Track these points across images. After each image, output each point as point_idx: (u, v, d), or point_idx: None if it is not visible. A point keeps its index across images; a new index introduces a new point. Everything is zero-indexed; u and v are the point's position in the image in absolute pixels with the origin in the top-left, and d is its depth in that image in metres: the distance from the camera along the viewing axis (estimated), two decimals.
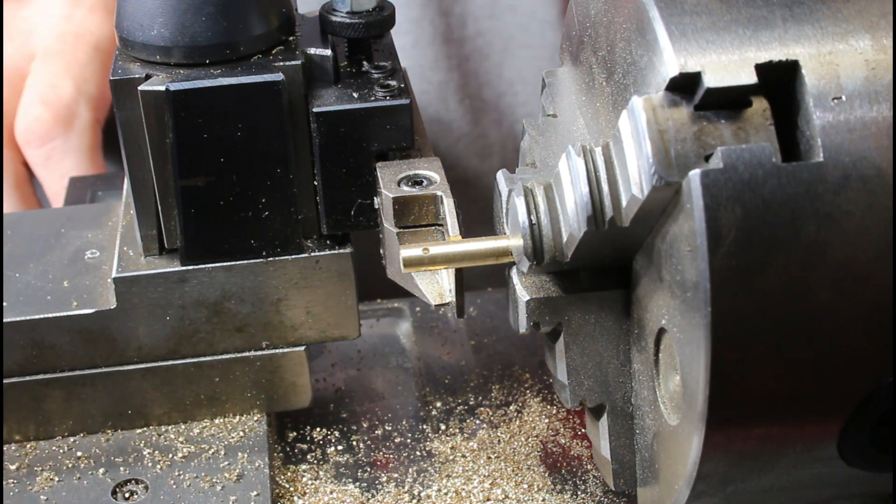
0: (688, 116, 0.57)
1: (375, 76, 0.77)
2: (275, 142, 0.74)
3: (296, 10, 0.80)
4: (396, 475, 0.82)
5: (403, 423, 0.87)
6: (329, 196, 0.77)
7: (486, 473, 0.81)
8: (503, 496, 0.79)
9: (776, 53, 0.59)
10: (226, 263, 0.78)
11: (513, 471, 0.81)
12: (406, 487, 0.80)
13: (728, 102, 0.58)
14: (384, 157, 0.76)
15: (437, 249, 0.68)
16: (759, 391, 0.59)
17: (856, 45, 0.59)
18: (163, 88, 0.72)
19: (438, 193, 0.71)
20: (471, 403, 0.88)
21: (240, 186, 0.75)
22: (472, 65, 1.22)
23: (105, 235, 0.86)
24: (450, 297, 0.70)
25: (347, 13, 0.76)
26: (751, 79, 0.58)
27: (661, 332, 0.63)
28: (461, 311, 0.70)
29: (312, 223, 0.79)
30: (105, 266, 0.82)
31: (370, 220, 0.78)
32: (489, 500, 0.78)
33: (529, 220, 0.65)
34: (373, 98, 0.75)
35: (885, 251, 0.57)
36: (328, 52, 0.76)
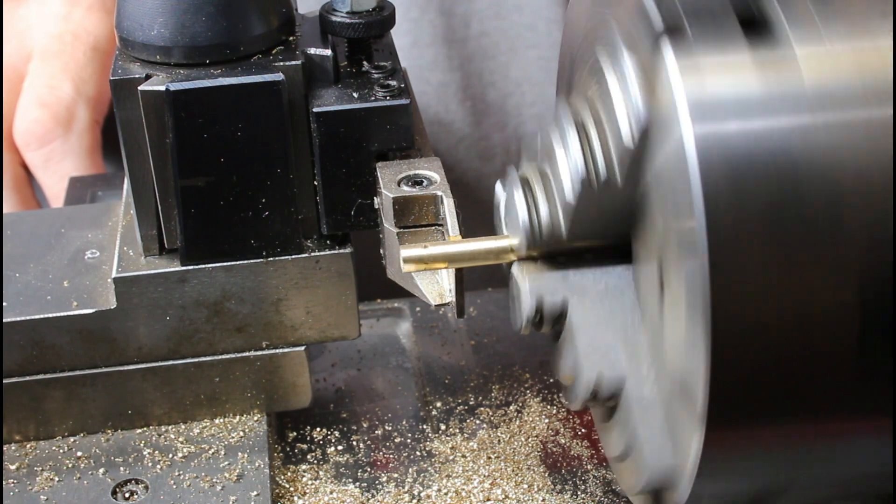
0: None
1: (375, 76, 0.77)
2: (275, 142, 0.74)
3: (296, 10, 0.80)
4: (396, 475, 0.82)
5: (403, 423, 0.87)
6: (329, 196, 0.77)
7: (486, 473, 0.81)
8: (503, 496, 0.79)
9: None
10: (226, 263, 0.78)
11: (513, 471, 0.81)
12: (406, 487, 0.80)
13: None
14: (384, 157, 0.76)
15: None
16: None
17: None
18: (163, 88, 0.72)
19: (438, 193, 0.71)
20: (471, 403, 0.88)
21: (240, 186, 0.75)
22: (476, 65, 1.21)
23: (105, 235, 0.86)
24: (450, 297, 0.70)
25: (347, 13, 0.76)
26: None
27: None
28: (461, 311, 0.70)
29: (312, 223, 0.79)
30: (105, 266, 0.82)
31: (370, 220, 0.78)
32: (489, 500, 0.78)
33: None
34: (373, 98, 0.75)
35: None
36: (328, 52, 0.76)
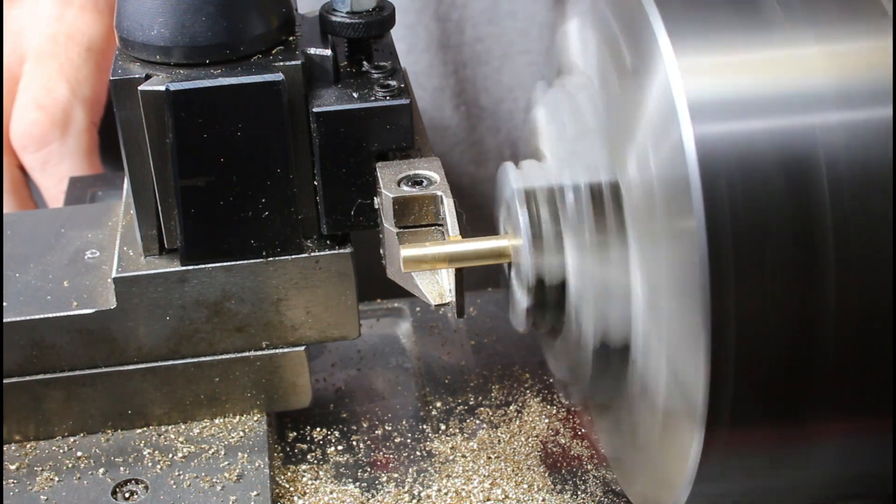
0: None
1: (375, 76, 0.77)
2: (275, 142, 0.74)
3: (296, 10, 0.80)
4: (396, 475, 0.82)
5: (403, 423, 0.87)
6: (329, 196, 0.77)
7: (486, 473, 0.81)
8: (503, 496, 0.79)
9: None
10: (226, 263, 0.78)
11: (513, 471, 0.81)
12: (406, 487, 0.80)
13: None
14: (384, 157, 0.76)
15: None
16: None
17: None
18: (163, 88, 0.72)
19: (438, 193, 0.71)
20: (471, 403, 0.88)
21: (240, 186, 0.75)
22: (470, 70, 1.21)
23: (105, 235, 0.86)
24: (450, 297, 0.70)
25: (347, 13, 0.76)
26: None
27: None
28: (461, 311, 0.70)
29: (312, 223, 0.79)
30: (105, 266, 0.82)
31: (370, 220, 0.78)
32: (489, 500, 0.78)
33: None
34: (373, 98, 0.75)
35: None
36: (328, 52, 0.76)
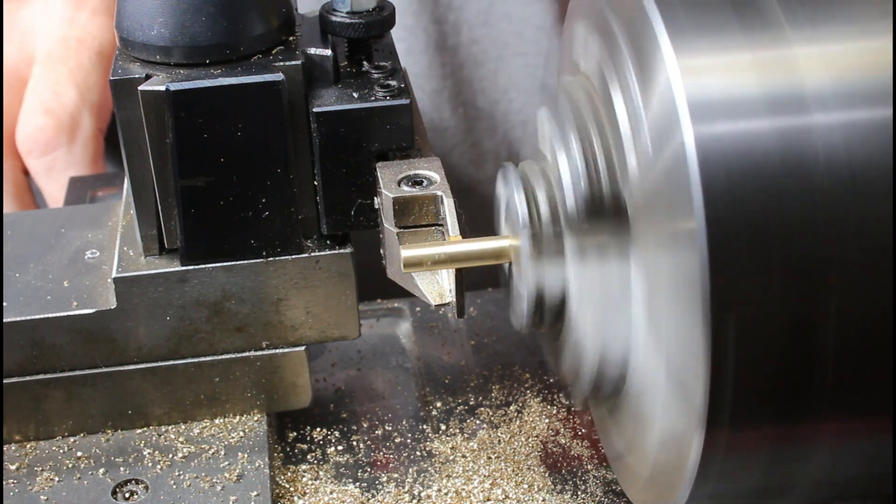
0: None
1: (375, 76, 0.77)
2: (275, 142, 0.74)
3: (296, 10, 0.80)
4: (396, 475, 0.82)
5: (403, 423, 0.87)
6: (329, 196, 0.77)
7: (486, 473, 0.81)
8: (503, 496, 0.79)
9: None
10: (226, 263, 0.78)
11: (513, 471, 0.81)
12: (406, 487, 0.80)
13: None
14: (384, 157, 0.76)
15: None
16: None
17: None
18: (163, 88, 0.72)
19: (438, 193, 0.71)
20: (471, 403, 0.88)
21: (240, 186, 0.75)
22: (466, 72, 1.21)
23: (105, 235, 0.86)
24: (450, 297, 0.70)
25: (347, 13, 0.76)
26: None
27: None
28: (461, 311, 0.70)
29: (312, 223, 0.79)
30: (105, 266, 0.82)
31: (370, 220, 0.78)
32: (489, 500, 0.78)
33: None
34: (373, 98, 0.75)
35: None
36: (328, 52, 0.76)
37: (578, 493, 0.79)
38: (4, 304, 0.79)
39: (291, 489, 0.80)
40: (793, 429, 0.61)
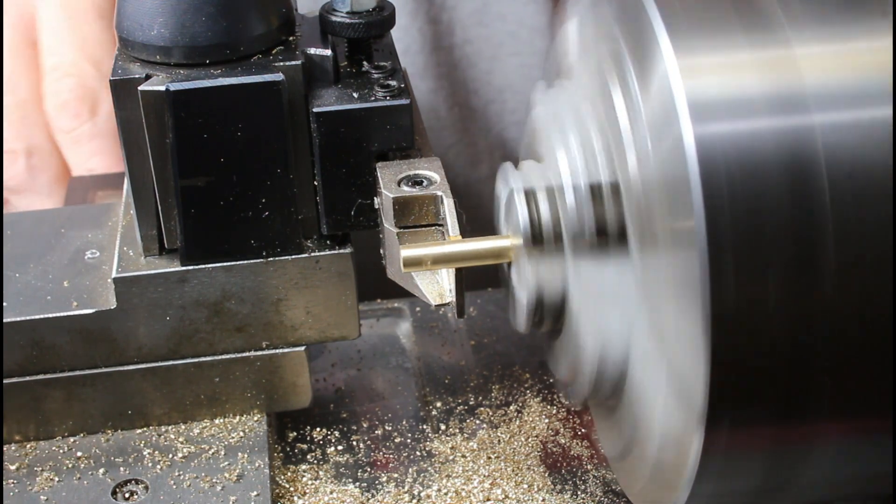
0: None
1: (375, 76, 0.77)
2: (275, 142, 0.74)
3: (296, 10, 0.80)
4: (396, 475, 0.82)
5: (403, 423, 0.87)
6: (329, 196, 0.77)
7: (486, 473, 0.81)
8: (503, 496, 0.79)
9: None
10: (226, 263, 0.78)
11: (513, 471, 0.81)
12: (406, 487, 0.80)
13: None
14: (384, 157, 0.76)
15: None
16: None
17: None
18: (163, 88, 0.72)
19: (438, 193, 0.71)
20: (471, 403, 0.88)
21: (240, 186, 0.75)
22: (461, 72, 1.21)
23: (105, 235, 0.86)
24: (450, 297, 0.70)
25: (347, 13, 0.76)
26: None
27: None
28: (461, 311, 0.70)
29: (312, 223, 0.79)
30: (105, 266, 0.82)
31: (370, 220, 0.78)
32: (489, 500, 0.78)
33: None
34: (373, 98, 0.75)
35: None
36: (328, 52, 0.76)
37: (578, 493, 0.79)
38: (4, 304, 0.79)
39: (291, 489, 0.80)
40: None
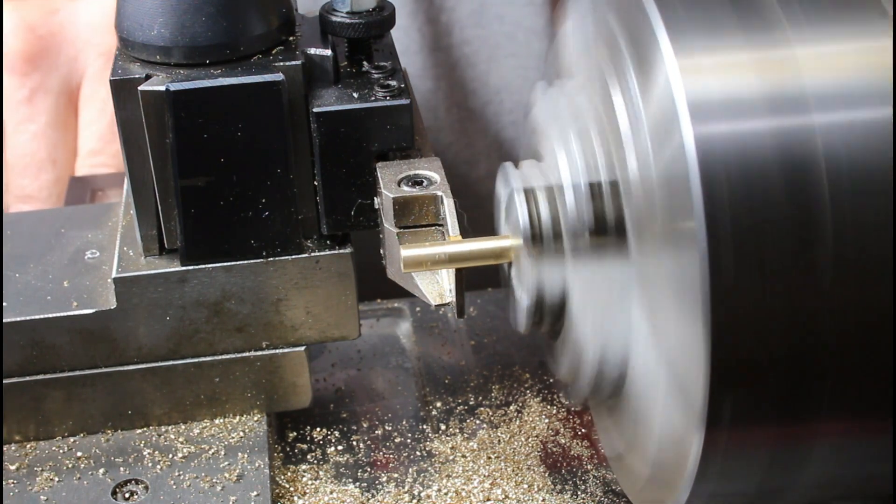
0: None
1: (375, 76, 0.77)
2: (275, 142, 0.74)
3: (296, 11, 0.80)
4: (396, 475, 0.82)
5: (403, 423, 0.87)
6: (329, 196, 0.77)
7: (486, 473, 0.81)
8: (503, 496, 0.79)
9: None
10: (226, 263, 0.78)
11: (513, 471, 0.81)
12: (406, 487, 0.80)
13: None
14: (384, 157, 0.76)
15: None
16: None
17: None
18: (163, 88, 0.72)
19: (438, 193, 0.71)
20: (471, 403, 0.88)
21: (240, 186, 0.75)
22: (459, 73, 1.21)
23: (105, 235, 0.86)
24: (450, 297, 0.70)
25: (347, 13, 0.76)
26: None
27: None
28: (461, 311, 0.70)
29: (312, 223, 0.79)
30: (105, 266, 0.82)
31: (370, 220, 0.78)
32: (489, 500, 0.78)
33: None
34: (373, 98, 0.75)
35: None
36: (328, 52, 0.76)
37: (578, 493, 0.79)
38: (4, 304, 0.79)
39: (291, 489, 0.80)
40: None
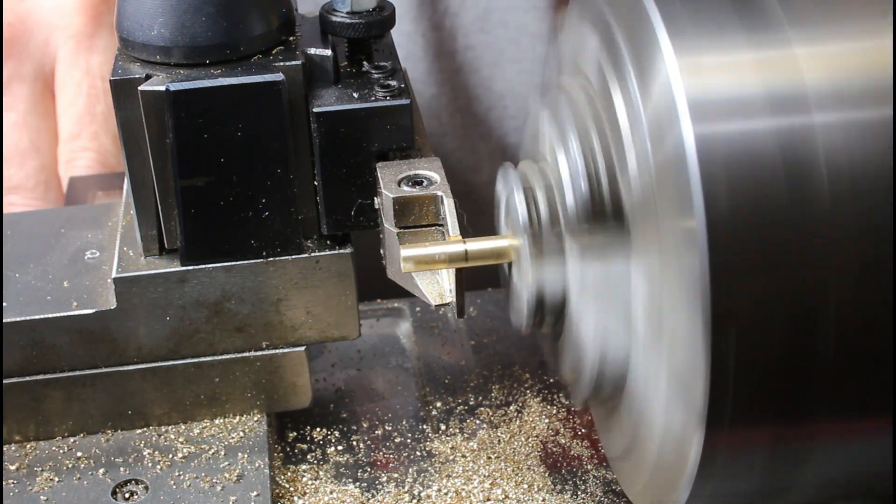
0: None
1: (375, 76, 0.77)
2: (275, 142, 0.74)
3: (296, 11, 0.80)
4: (396, 475, 0.82)
5: (403, 423, 0.87)
6: (329, 196, 0.77)
7: (486, 473, 0.81)
8: (503, 496, 0.79)
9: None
10: (226, 263, 0.78)
11: (513, 471, 0.81)
12: (406, 487, 0.80)
13: None
14: (384, 157, 0.76)
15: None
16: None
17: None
18: (163, 88, 0.72)
19: (439, 193, 0.71)
20: (471, 403, 0.88)
21: (240, 186, 0.75)
22: (462, 78, 1.21)
23: (105, 235, 0.86)
24: (450, 297, 0.70)
25: (347, 13, 0.76)
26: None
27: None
28: (461, 311, 0.70)
29: (312, 223, 0.79)
30: (105, 266, 0.82)
31: (370, 220, 0.78)
32: (489, 500, 0.78)
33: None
34: (373, 98, 0.75)
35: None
36: (328, 52, 0.76)
37: (578, 493, 0.79)
38: (4, 304, 0.79)
39: (291, 489, 0.80)
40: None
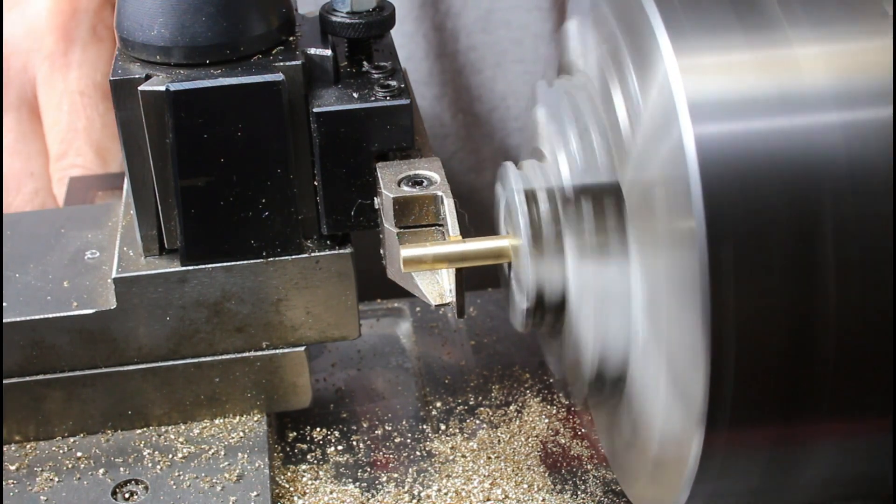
0: None
1: (375, 76, 0.77)
2: (275, 142, 0.74)
3: (296, 11, 0.80)
4: (396, 475, 0.82)
5: (403, 423, 0.87)
6: (329, 196, 0.77)
7: (486, 473, 0.81)
8: (503, 496, 0.79)
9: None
10: (226, 264, 0.78)
11: (513, 471, 0.81)
12: (406, 487, 0.80)
13: None
14: (384, 157, 0.76)
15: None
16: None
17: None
18: (163, 88, 0.72)
19: (439, 193, 0.71)
20: (471, 403, 0.88)
21: (240, 186, 0.75)
22: (465, 79, 1.21)
23: (105, 235, 0.86)
24: (450, 297, 0.70)
25: (347, 13, 0.76)
26: None
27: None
28: (461, 311, 0.70)
29: (312, 223, 0.79)
30: (105, 266, 0.82)
31: (370, 220, 0.78)
32: (489, 500, 0.78)
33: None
34: (373, 98, 0.75)
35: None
36: (328, 53, 0.76)
37: (578, 493, 0.79)
38: (4, 304, 0.79)
39: (291, 489, 0.80)
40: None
